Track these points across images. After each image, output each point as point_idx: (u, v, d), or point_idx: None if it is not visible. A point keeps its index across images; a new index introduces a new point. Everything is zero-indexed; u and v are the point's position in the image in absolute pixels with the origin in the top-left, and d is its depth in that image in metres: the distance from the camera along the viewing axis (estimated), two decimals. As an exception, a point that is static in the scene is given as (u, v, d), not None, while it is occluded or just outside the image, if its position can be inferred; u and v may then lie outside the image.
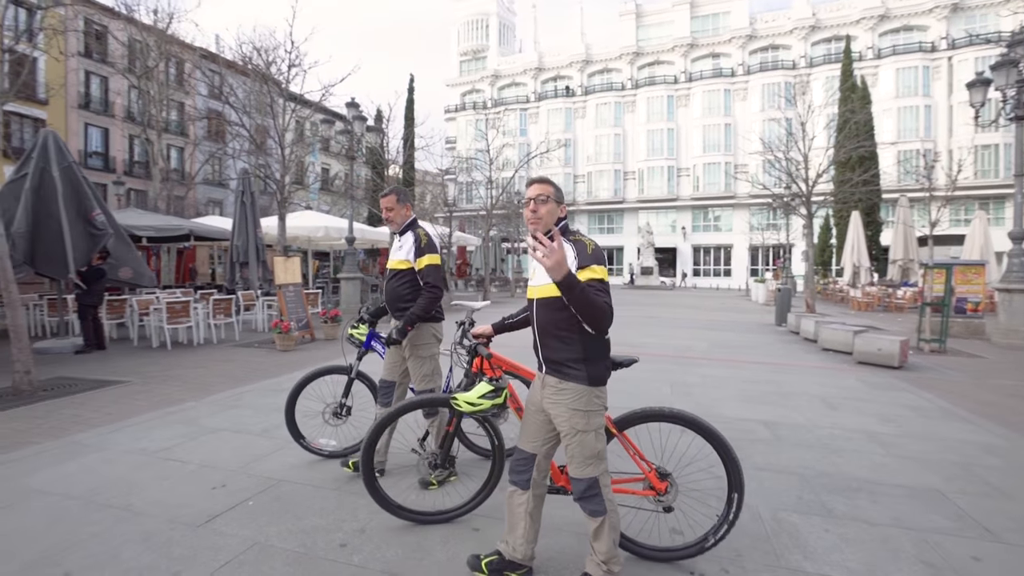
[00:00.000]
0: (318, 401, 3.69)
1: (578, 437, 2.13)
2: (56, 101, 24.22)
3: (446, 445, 2.75)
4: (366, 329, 3.70)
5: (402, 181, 15.60)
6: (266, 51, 12.82)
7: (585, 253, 2.06)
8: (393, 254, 3.43)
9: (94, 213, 7.28)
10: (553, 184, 2.25)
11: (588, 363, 2.12)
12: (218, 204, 30.53)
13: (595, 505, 2.14)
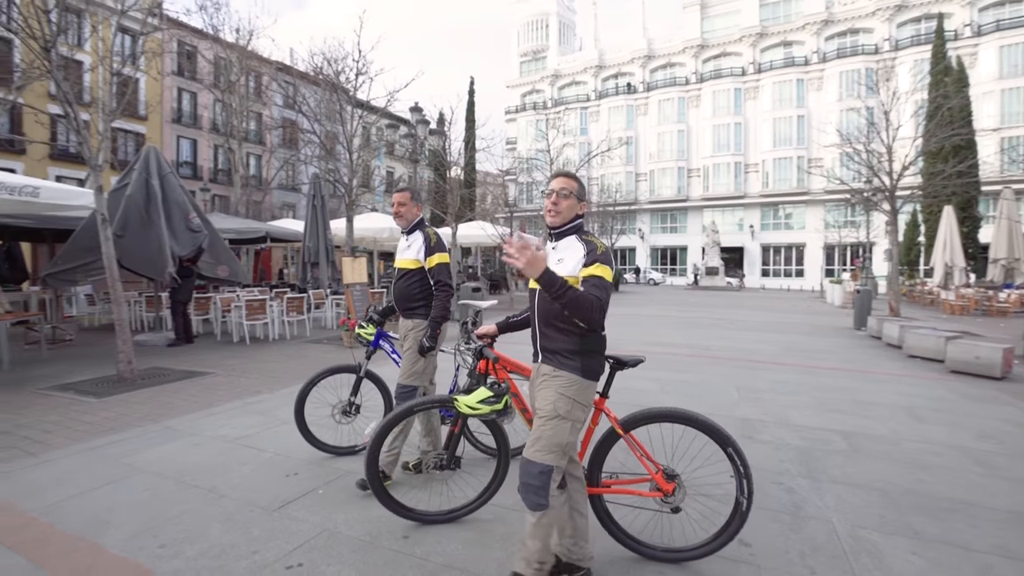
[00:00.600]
0: (333, 395, 3.75)
1: (555, 421, 2.08)
2: (153, 116, 26.53)
3: (452, 446, 2.72)
4: (374, 329, 3.70)
5: (463, 183, 15.93)
6: (335, 61, 13.42)
7: (595, 252, 2.10)
8: (401, 253, 3.39)
9: (190, 216, 7.96)
10: (578, 180, 2.27)
11: (584, 355, 2.14)
12: (291, 207, 32.30)
13: (540, 497, 2.04)
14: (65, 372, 6.61)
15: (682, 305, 18.53)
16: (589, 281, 2.03)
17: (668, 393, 5.61)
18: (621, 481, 2.53)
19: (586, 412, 2.18)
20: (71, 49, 15.84)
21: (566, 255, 2.15)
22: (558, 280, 1.93)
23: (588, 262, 2.07)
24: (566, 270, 2.10)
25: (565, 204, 2.19)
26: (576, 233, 2.21)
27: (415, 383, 3.29)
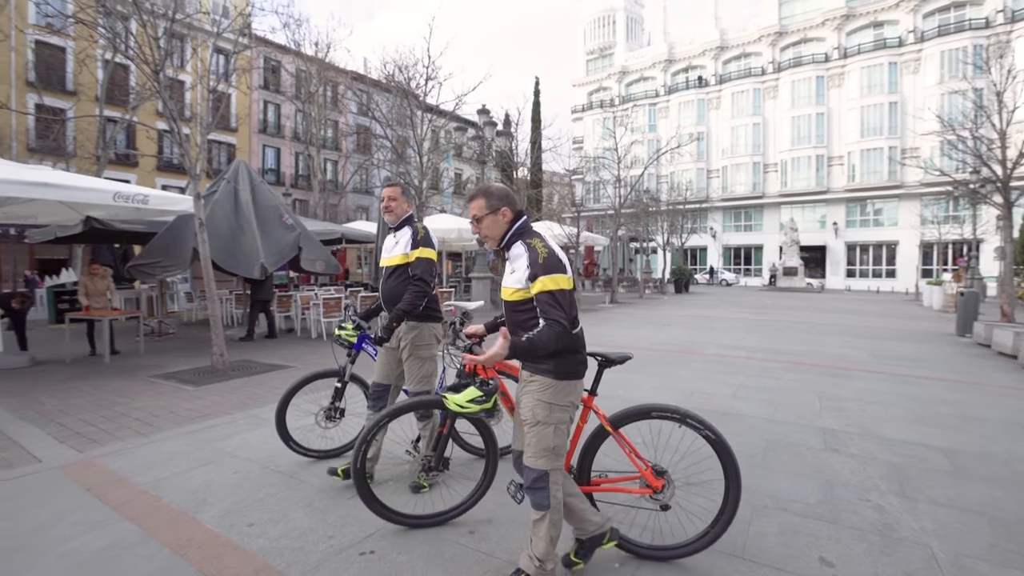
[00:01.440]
0: (314, 404, 3.73)
1: (537, 428, 2.13)
2: (243, 128, 28.71)
3: (440, 447, 2.69)
4: (354, 330, 3.52)
5: (530, 183, 16.04)
6: (406, 68, 13.90)
7: (536, 262, 2.06)
8: (389, 251, 3.27)
9: (284, 218, 8.70)
10: (486, 193, 2.24)
11: (556, 357, 2.12)
12: (365, 210, 33.79)
13: (540, 499, 2.13)
14: (168, 362, 7.29)
15: (758, 307, 17.63)
16: (541, 301, 2.05)
17: (742, 399, 5.36)
18: (611, 479, 2.53)
19: (569, 412, 2.19)
20: (175, 71, 17.42)
21: (516, 264, 2.15)
22: (519, 349, 2.04)
23: (532, 275, 2.06)
24: (516, 282, 2.13)
25: (485, 224, 2.23)
26: (520, 238, 2.18)
27: (427, 387, 3.21)
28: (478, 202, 2.24)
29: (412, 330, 3.18)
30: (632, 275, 26.74)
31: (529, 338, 2.04)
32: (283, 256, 8.67)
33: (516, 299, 2.15)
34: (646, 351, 8.30)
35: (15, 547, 2.57)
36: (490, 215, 2.21)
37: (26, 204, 7.44)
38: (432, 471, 2.74)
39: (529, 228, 2.23)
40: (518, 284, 2.11)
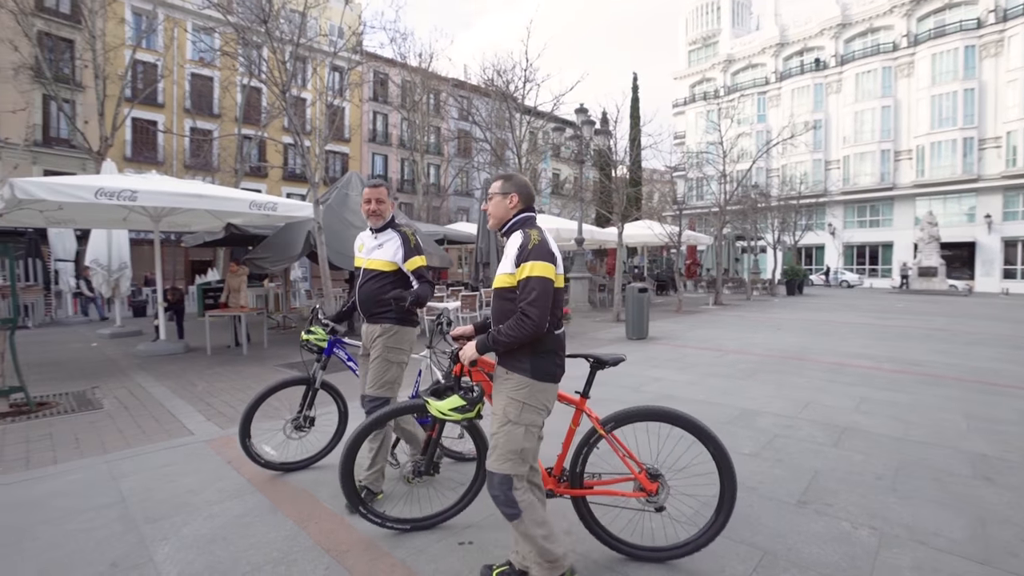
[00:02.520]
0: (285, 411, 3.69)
1: (507, 427, 2.06)
2: (355, 138, 31.03)
3: (430, 451, 2.62)
4: (324, 334, 3.33)
5: (629, 181, 15.64)
6: (504, 72, 14.19)
7: (526, 248, 2.05)
8: (371, 252, 3.10)
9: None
10: (505, 179, 2.26)
11: (534, 356, 2.08)
12: (465, 211, 35.02)
13: (508, 508, 2.05)
14: (291, 354, 8.06)
15: (886, 312, 15.79)
16: (521, 286, 2.03)
17: (867, 413, 4.84)
18: (604, 482, 2.47)
19: (541, 415, 2.13)
20: (298, 90, 19.22)
21: (510, 251, 2.13)
22: (489, 342, 2.07)
23: (519, 260, 2.05)
24: (506, 267, 2.11)
25: (493, 203, 2.25)
26: (521, 228, 2.17)
27: (386, 394, 3.01)
28: (498, 183, 2.28)
29: (389, 331, 3.03)
30: (738, 276, 25.14)
31: (495, 331, 2.05)
32: None
33: (504, 285, 2.13)
34: (755, 357, 7.78)
35: (178, 504, 3.03)
36: (499, 196, 2.24)
37: (183, 213, 8.61)
38: (423, 475, 2.63)
39: (532, 220, 2.24)
40: (509, 269, 2.10)
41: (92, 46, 13.88)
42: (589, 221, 25.79)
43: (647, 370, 6.82)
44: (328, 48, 12.38)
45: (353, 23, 17.51)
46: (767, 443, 3.96)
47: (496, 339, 2.05)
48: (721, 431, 4.22)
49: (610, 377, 6.42)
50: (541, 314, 1.99)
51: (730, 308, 16.42)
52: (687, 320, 12.91)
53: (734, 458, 3.59)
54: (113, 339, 10.27)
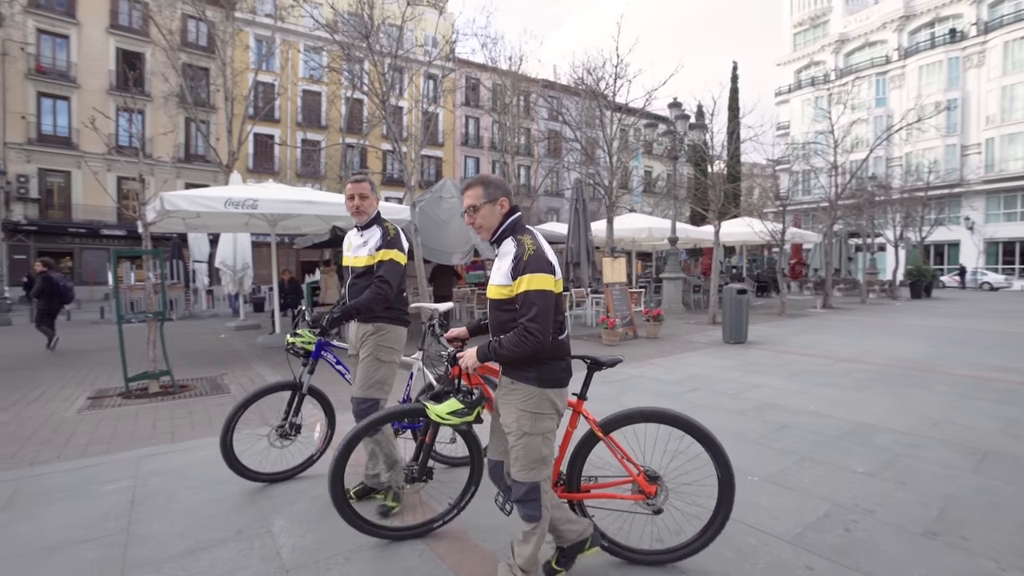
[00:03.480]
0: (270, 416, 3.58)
1: (524, 440, 2.03)
2: (448, 142, 32.21)
3: (424, 457, 2.51)
4: (311, 336, 3.20)
5: (727, 177, 14.82)
6: (594, 70, 14.00)
7: (521, 259, 1.96)
8: (356, 251, 3.01)
9: None
10: (484, 182, 2.13)
11: (539, 364, 2.03)
12: (555, 212, 35.09)
13: (532, 510, 2.04)
14: (390, 350, 8.53)
15: None
16: (519, 301, 1.96)
17: (1016, 437, 4.20)
18: (601, 485, 2.41)
19: (555, 420, 2.10)
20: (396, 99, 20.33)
21: (503, 261, 2.04)
22: (489, 352, 2.02)
23: (515, 273, 1.97)
24: (501, 279, 2.02)
25: (482, 214, 2.10)
26: (512, 234, 2.08)
27: (376, 395, 2.90)
28: (475, 191, 2.12)
29: (379, 330, 2.93)
30: (851, 276, 22.88)
31: (496, 342, 2.01)
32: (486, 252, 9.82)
33: (500, 297, 2.05)
34: (872, 366, 7.06)
35: (290, 482, 3.29)
36: (488, 204, 2.10)
37: (296, 218, 9.41)
38: (415, 482, 2.52)
39: (522, 224, 2.14)
40: (503, 281, 2.02)
41: (223, 72, 15.61)
42: (683, 219, 24.81)
43: (746, 376, 6.43)
44: (423, 58, 12.96)
45: (446, 32, 18.17)
46: (887, 463, 3.58)
47: (498, 352, 2.01)
48: (831, 446, 3.89)
49: (705, 383, 6.14)
50: (544, 329, 1.93)
51: (841, 312, 15.01)
52: (791, 324, 11.99)
53: (846, 476, 3.31)
54: (238, 332, 11.48)
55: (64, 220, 24.72)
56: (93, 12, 25.03)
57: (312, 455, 3.46)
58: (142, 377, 5.71)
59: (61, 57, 24.54)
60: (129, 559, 2.48)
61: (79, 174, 24.46)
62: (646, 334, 9.99)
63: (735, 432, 4.23)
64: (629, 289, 10.77)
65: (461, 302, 12.75)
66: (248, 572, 2.35)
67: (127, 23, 25.54)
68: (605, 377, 6.34)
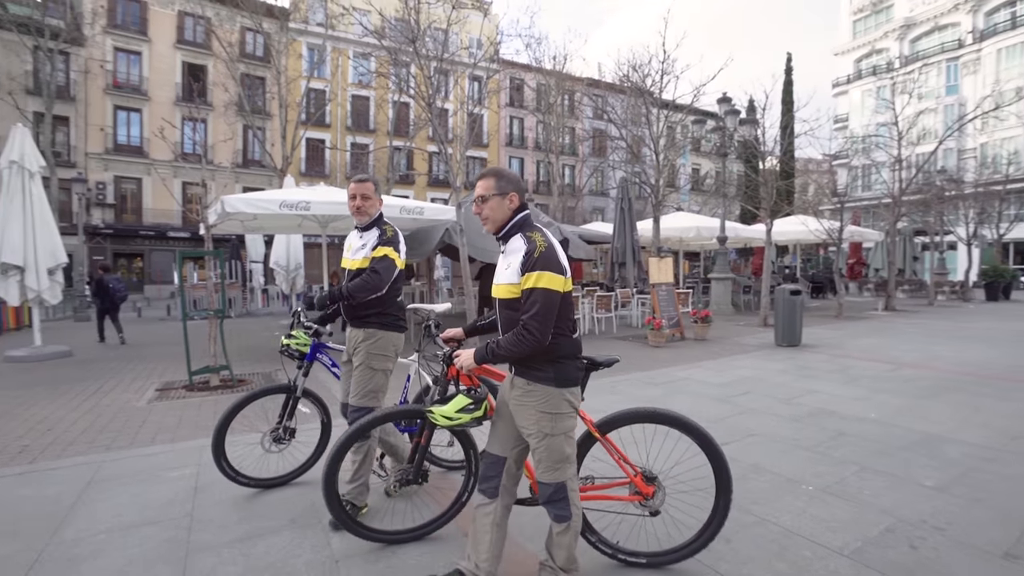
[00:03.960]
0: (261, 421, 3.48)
1: (546, 441, 2.00)
2: (492, 143, 32.42)
3: (419, 459, 2.47)
4: (306, 338, 3.13)
5: (779, 174, 14.22)
6: (640, 67, 13.76)
7: (531, 256, 1.93)
8: (355, 253, 2.94)
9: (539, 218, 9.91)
10: (496, 174, 2.11)
11: (556, 363, 2.00)
12: (600, 211, 34.76)
13: (562, 510, 2.04)
14: (434, 347, 8.65)
15: None
16: (525, 298, 1.92)
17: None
18: (598, 487, 2.39)
19: (573, 418, 2.07)
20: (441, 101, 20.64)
21: (512, 258, 2.00)
22: (487, 354, 2.00)
23: (525, 269, 1.93)
24: (510, 277, 1.98)
25: (490, 205, 2.07)
26: (521, 231, 2.05)
27: (371, 403, 2.84)
28: (487, 181, 2.10)
29: (371, 336, 2.87)
30: (917, 277, 21.50)
31: (494, 343, 1.99)
32: None
33: (510, 296, 2.00)
34: (941, 372, 6.62)
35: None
36: (497, 196, 2.07)
37: (346, 219, 9.69)
38: (410, 484, 2.49)
39: (531, 221, 2.10)
40: (512, 279, 1.98)
41: (278, 80, 16.28)
42: (733, 218, 24.04)
43: (800, 380, 6.16)
44: (468, 60, 13.10)
45: (491, 33, 18.31)
46: (959, 477, 3.35)
47: (495, 352, 1.99)
48: (895, 457, 3.68)
49: (756, 386, 5.92)
50: (543, 328, 1.90)
51: (906, 314, 14.14)
52: (849, 327, 11.39)
53: (911, 489, 3.12)
54: (292, 330, 11.93)
55: (136, 223, 26.43)
56: (162, 29, 26.65)
57: (308, 459, 3.39)
58: (204, 371, 6.03)
59: (134, 72, 26.25)
60: (193, 542, 2.63)
61: (149, 180, 26.11)
62: (694, 336, 9.74)
63: (788, 438, 4.07)
64: (676, 290, 10.54)
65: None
66: (300, 560, 2.45)
67: (192, 38, 27.04)
68: (651, 379, 6.25)
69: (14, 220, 7.87)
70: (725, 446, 3.79)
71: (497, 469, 2.13)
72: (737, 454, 3.70)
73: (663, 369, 6.93)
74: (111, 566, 2.42)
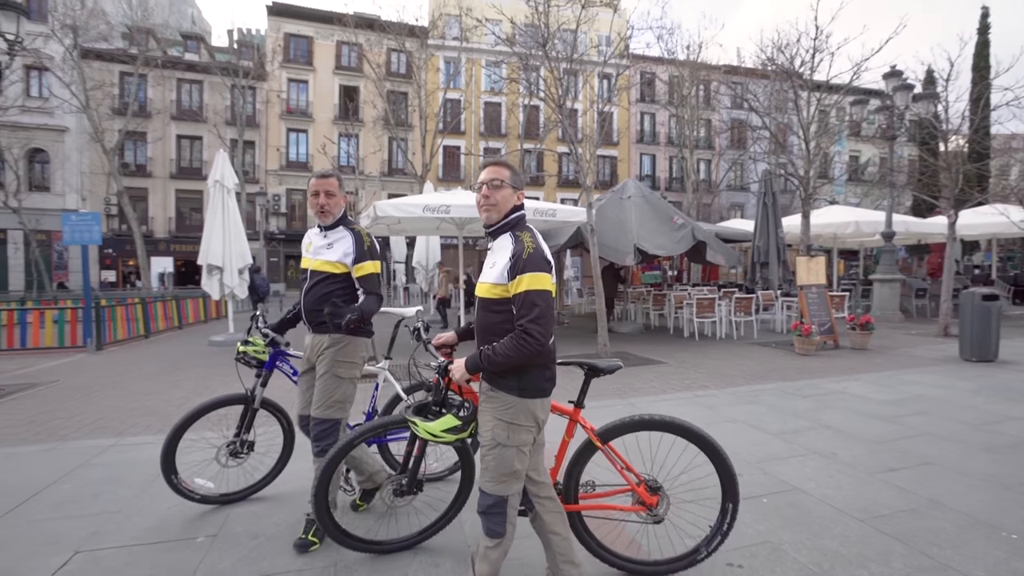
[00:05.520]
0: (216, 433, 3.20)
1: (496, 450, 1.90)
2: (623, 141, 31.75)
3: (413, 469, 2.35)
4: (264, 345, 2.93)
5: (967, 155, 11.89)
6: (787, 47, 12.53)
7: (520, 256, 1.83)
8: (319, 252, 2.70)
9: (674, 219, 9.64)
10: (510, 167, 2.03)
11: (520, 373, 1.88)
12: (739, 207, 32.30)
13: (497, 524, 1.93)
14: (563, 347, 8.71)
15: None
16: (518, 301, 1.81)
17: None
18: (600, 495, 2.34)
19: (532, 432, 1.94)
20: (571, 101, 20.76)
21: (498, 258, 1.91)
22: (481, 362, 1.87)
23: (513, 271, 1.83)
24: (495, 276, 1.88)
25: (500, 195, 1.97)
26: (512, 230, 1.96)
27: (337, 415, 2.63)
28: (504, 170, 2.00)
29: (338, 342, 2.65)
30: None
31: (489, 349, 1.85)
32: (666, 249, 9.69)
33: (492, 296, 1.91)
34: None
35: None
36: (511, 188, 2.00)
37: (478, 222, 10.18)
38: (405, 495, 2.37)
39: (523, 222, 2.02)
40: (496, 279, 1.88)
41: (418, 94, 17.61)
42: (902, 210, 20.92)
43: (997, 404, 5.14)
44: (598, 58, 12.98)
45: (621, 29, 17.97)
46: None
47: (491, 359, 1.84)
48: None
49: (935, 407, 5.09)
50: (545, 332, 1.80)
51: None
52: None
53: None
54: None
55: (302, 229, 30.35)
56: (324, 58, 30.28)
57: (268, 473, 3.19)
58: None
59: (302, 98, 30.17)
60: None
61: (313, 191, 29.87)
62: (851, 344, 8.62)
63: (981, 472, 3.43)
64: (829, 292, 9.41)
65: (636, 302, 12.48)
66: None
67: (347, 63, 30.32)
68: (797, 390, 5.68)
69: (216, 229, 9.50)
70: (890, 472, 3.37)
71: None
72: (908, 484, 3.22)
73: (811, 380, 6.24)
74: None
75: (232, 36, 28.17)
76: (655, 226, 9.91)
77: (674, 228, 9.83)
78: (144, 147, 27.10)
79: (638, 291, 13.30)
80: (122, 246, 25.37)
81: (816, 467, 3.52)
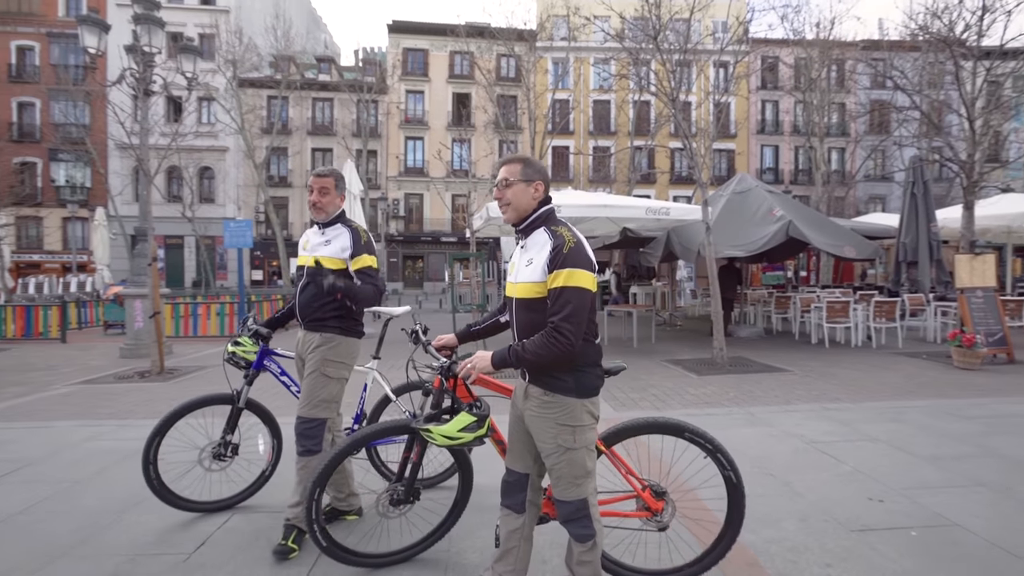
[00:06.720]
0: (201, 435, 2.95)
1: (567, 456, 1.83)
2: (741, 133, 29.73)
3: (411, 476, 2.25)
4: (253, 345, 2.85)
5: None
6: (944, 11, 10.89)
7: (560, 251, 1.74)
8: (316, 249, 2.66)
9: (774, 211, 8.89)
10: (523, 160, 1.95)
11: (577, 372, 1.81)
12: (880, 200, 28.84)
13: (584, 528, 1.86)
14: (676, 350, 8.39)
15: None
16: (553, 297, 1.74)
17: None
18: (603, 501, 2.19)
19: (595, 430, 1.92)
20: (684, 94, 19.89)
21: (534, 254, 1.83)
22: (510, 357, 1.79)
23: (553, 266, 1.75)
24: (533, 274, 1.80)
25: (511, 192, 1.91)
26: (545, 224, 1.88)
27: (323, 415, 2.59)
28: (513, 166, 1.93)
29: (328, 342, 2.63)
30: None
31: (519, 346, 1.77)
32: (758, 245, 8.80)
33: (532, 296, 1.81)
34: None
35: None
36: (522, 183, 1.90)
37: (589, 221, 10.13)
38: (402, 504, 2.26)
39: (553, 216, 1.93)
40: (535, 277, 1.79)
41: (527, 96, 17.88)
42: (1106, 196, 17.21)
43: None
44: (713, 47, 12.26)
45: (739, 12, 16.83)
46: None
47: (521, 356, 1.77)
48: None
49: None
50: (576, 331, 1.71)
51: None
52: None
53: None
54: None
55: (418, 231, 32.32)
56: (438, 69, 31.96)
57: (263, 472, 3.09)
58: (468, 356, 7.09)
59: (419, 107, 32.12)
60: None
61: (428, 195, 31.65)
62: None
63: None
64: (1001, 296, 8.05)
65: (756, 305, 11.63)
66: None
67: (460, 72, 31.67)
68: (956, 409, 4.96)
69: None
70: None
71: (521, 485, 2.02)
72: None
73: (976, 399, 5.36)
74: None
75: (357, 55, 30.69)
76: (752, 221, 9.23)
77: (768, 221, 8.95)
78: (285, 160, 30.66)
79: (758, 293, 12.38)
80: (267, 248, 28.84)
81: (983, 502, 3.02)
